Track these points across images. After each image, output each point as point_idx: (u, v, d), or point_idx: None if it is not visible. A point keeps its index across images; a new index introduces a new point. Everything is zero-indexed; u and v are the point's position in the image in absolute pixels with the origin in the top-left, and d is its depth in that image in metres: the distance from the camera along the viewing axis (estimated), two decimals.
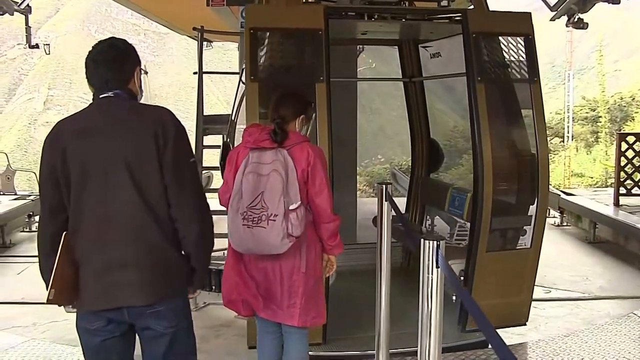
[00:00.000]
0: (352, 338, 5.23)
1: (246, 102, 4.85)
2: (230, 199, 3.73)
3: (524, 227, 5.35)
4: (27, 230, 10.96)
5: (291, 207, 3.65)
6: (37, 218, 11.20)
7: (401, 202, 6.92)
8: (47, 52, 13.28)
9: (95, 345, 2.95)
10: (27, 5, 10.90)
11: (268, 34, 4.98)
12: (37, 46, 12.08)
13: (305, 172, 3.76)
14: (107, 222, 2.85)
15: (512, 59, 5.34)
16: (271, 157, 3.70)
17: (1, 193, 11.71)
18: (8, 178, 11.95)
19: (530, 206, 5.30)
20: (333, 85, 7.55)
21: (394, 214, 4.34)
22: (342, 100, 7.62)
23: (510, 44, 5.33)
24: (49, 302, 2.85)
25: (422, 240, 2.73)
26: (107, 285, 2.85)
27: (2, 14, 10.37)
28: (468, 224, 8.60)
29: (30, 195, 11.75)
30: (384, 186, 4.44)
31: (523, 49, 5.29)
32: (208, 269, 3.10)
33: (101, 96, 2.95)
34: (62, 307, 3.02)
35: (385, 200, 4.32)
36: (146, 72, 7.41)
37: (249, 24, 4.92)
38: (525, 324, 5.52)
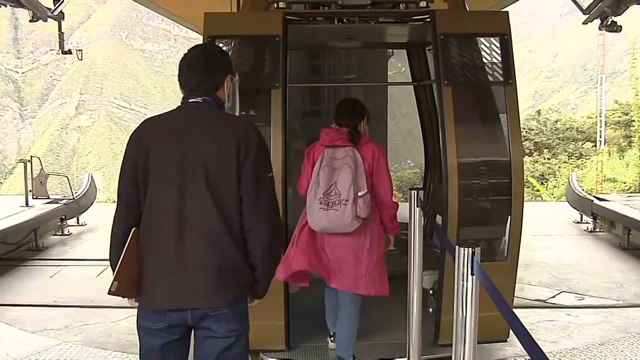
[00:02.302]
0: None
1: None
2: (308, 188, 4.54)
3: (500, 239, 5.03)
4: (60, 233, 11.11)
5: (359, 194, 4.43)
6: (69, 222, 11.36)
7: None
8: (80, 58, 13.41)
9: (155, 347, 2.99)
10: (61, 11, 11.02)
11: (226, 41, 4.94)
12: (69, 52, 12.21)
13: (371, 166, 4.56)
14: (180, 224, 2.90)
15: (485, 60, 5.07)
16: (343, 154, 4.55)
17: (34, 197, 11.84)
18: (41, 182, 12.09)
19: (505, 216, 4.96)
20: (364, 90, 7.57)
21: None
22: (371, 105, 7.59)
23: (483, 45, 5.06)
24: (110, 293, 2.89)
25: (457, 247, 2.69)
26: (175, 286, 2.90)
27: (36, 20, 10.50)
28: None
29: (62, 199, 11.89)
30: (415, 192, 4.38)
31: (498, 50, 5.00)
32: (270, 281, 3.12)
33: (190, 100, 3.04)
34: (126, 299, 3.06)
35: (417, 207, 4.28)
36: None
37: (207, 32, 4.88)
38: (506, 340, 5.17)
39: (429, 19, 5.01)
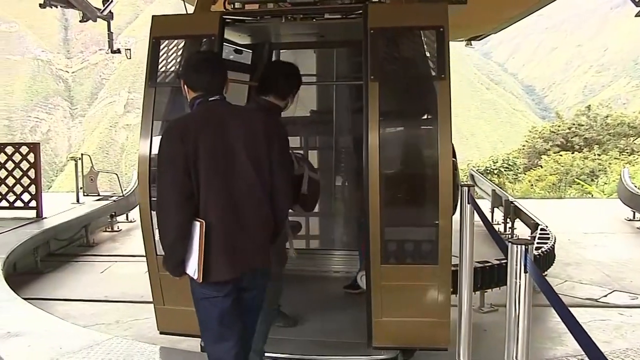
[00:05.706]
0: None
1: (143, 107, 4.97)
2: None
3: (429, 242, 4.72)
4: (110, 230, 11.29)
5: None
6: (119, 218, 11.54)
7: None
8: (128, 57, 13.58)
9: (225, 307, 3.46)
10: (110, 11, 11.21)
11: (169, 42, 5.09)
12: (118, 51, 12.40)
13: None
14: (233, 198, 3.39)
15: (419, 54, 4.84)
16: None
17: (85, 194, 12.07)
18: (91, 179, 12.31)
19: (433, 219, 4.60)
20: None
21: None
22: None
23: (418, 38, 4.82)
24: (200, 282, 3.35)
25: (509, 244, 2.64)
26: (235, 255, 3.40)
27: (86, 21, 10.72)
28: (549, 228, 8.43)
29: (112, 196, 12.08)
30: (466, 189, 4.31)
31: (433, 43, 4.71)
32: None
33: (210, 99, 3.52)
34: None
35: (468, 203, 4.22)
36: None
37: (153, 34, 5.05)
38: (446, 349, 4.71)
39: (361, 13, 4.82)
